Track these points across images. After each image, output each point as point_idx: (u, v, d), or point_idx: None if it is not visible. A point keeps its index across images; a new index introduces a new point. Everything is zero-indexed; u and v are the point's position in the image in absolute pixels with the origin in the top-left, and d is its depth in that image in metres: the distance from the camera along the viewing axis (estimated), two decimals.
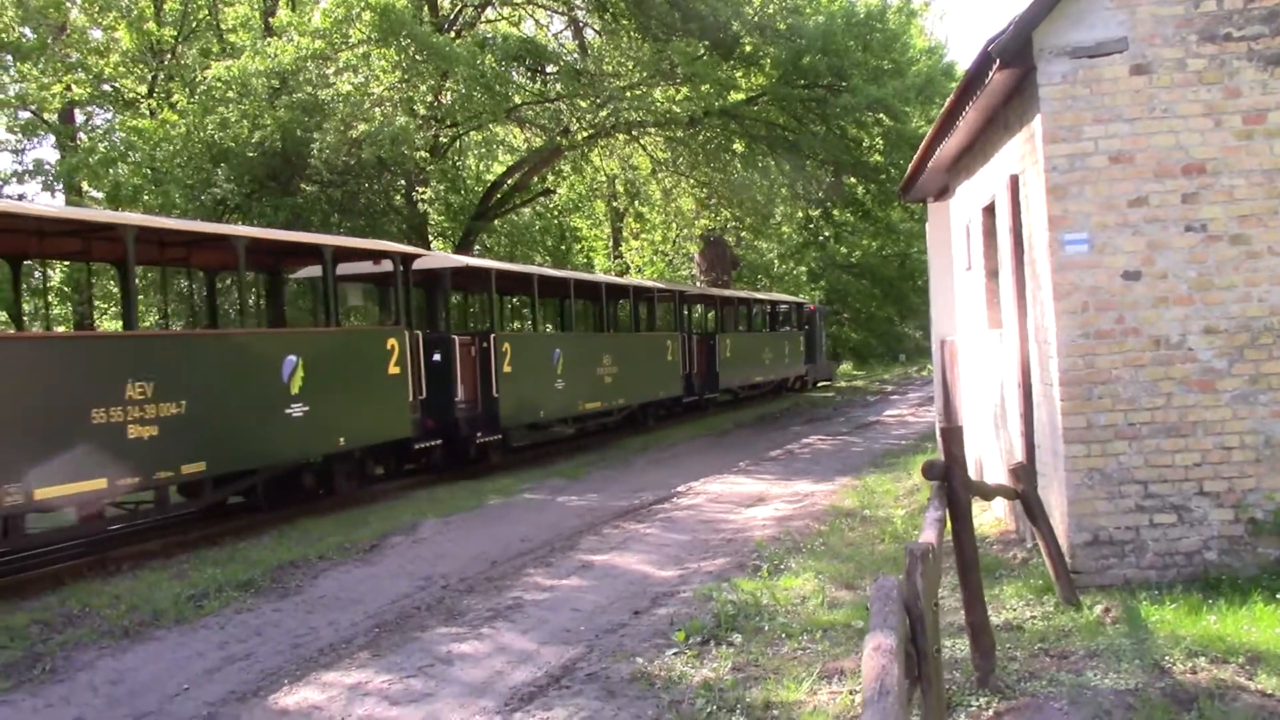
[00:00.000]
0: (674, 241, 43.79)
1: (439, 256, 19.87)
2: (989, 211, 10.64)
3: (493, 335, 18.70)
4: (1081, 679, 5.90)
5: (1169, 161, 7.79)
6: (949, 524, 5.69)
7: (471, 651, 7.91)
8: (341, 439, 14.92)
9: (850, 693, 6.33)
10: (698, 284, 38.92)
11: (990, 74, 8.02)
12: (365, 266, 17.29)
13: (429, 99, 24.72)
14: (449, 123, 25.85)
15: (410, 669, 7.51)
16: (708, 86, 26.17)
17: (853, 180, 30.73)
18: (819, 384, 41.79)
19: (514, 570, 10.59)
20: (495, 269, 20.12)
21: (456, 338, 18.26)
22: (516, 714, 6.47)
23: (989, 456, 11.53)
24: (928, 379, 43.41)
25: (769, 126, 28.78)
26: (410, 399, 16.41)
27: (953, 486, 5.75)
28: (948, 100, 9.92)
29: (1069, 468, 7.91)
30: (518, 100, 26.58)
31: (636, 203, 38.54)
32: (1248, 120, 7.72)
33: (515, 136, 31.26)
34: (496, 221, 32.45)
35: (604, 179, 36.02)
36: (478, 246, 32.27)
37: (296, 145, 23.15)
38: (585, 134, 26.92)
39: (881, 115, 27.79)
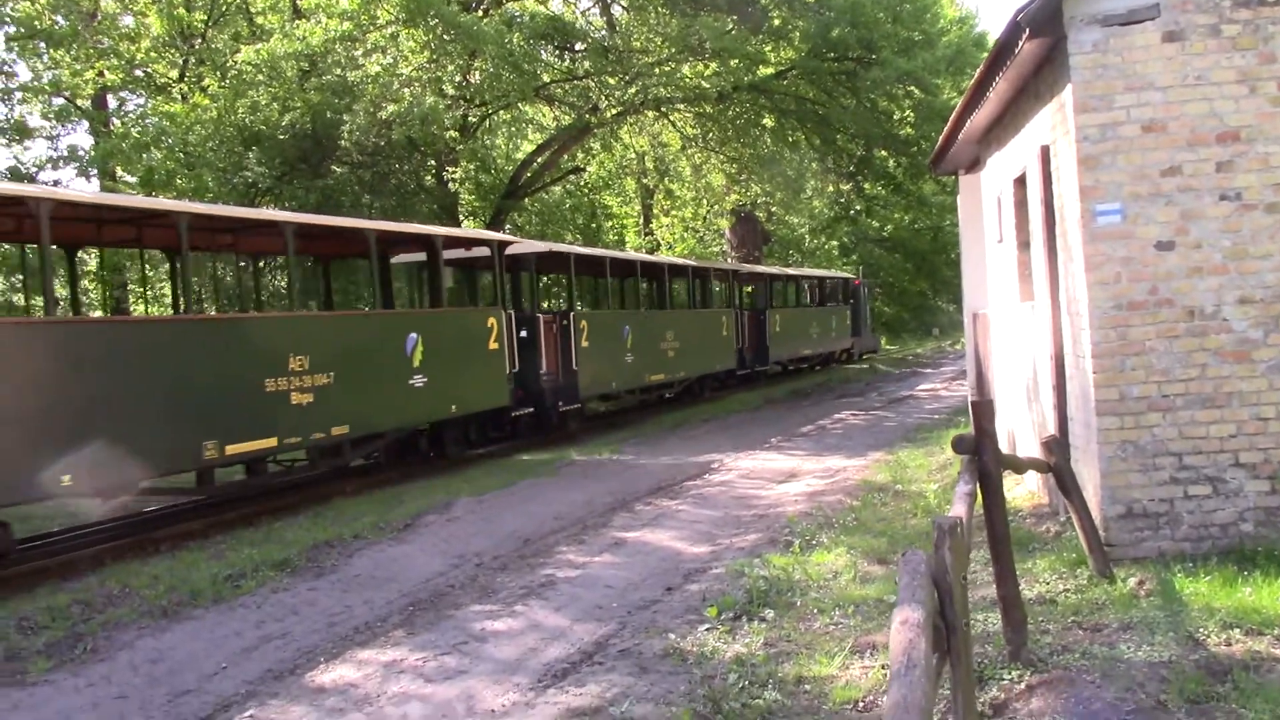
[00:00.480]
0: (704, 218, 43.68)
1: (526, 243, 21.07)
2: (1020, 183, 10.54)
3: (572, 314, 20.57)
4: (1114, 652, 5.88)
5: (1202, 129, 7.69)
6: (979, 498, 5.67)
7: (505, 629, 7.97)
8: (453, 406, 16.82)
9: (882, 667, 6.33)
10: (729, 260, 38.89)
11: (1020, 44, 7.94)
12: (458, 252, 19.08)
13: (457, 79, 24.72)
14: (478, 102, 25.86)
15: (445, 646, 7.57)
16: (736, 61, 26.03)
17: (884, 153, 30.51)
18: (864, 355, 42.60)
19: (546, 548, 10.65)
20: (574, 253, 22.17)
21: (541, 316, 20.00)
22: (550, 690, 6.52)
23: (1021, 430, 11.47)
24: (961, 353, 43.15)
25: (798, 101, 28.61)
26: (507, 372, 18.19)
27: (983, 460, 5.72)
28: (978, 71, 9.82)
29: (1102, 440, 7.85)
30: (546, 79, 26.55)
31: (666, 179, 38.47)
32: None
33: (544, 115, 31.25)
34: (526, 200, 32.45)
35: (633, 156, 35.95)
36: (508, 225, 32.31)
37: (326, 127, 23.24)
38: (614, 111, 26.87)
39: (912, 88, 27.55)
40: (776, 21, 27.93)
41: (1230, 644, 5.87)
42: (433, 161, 26.42)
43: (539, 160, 31.00)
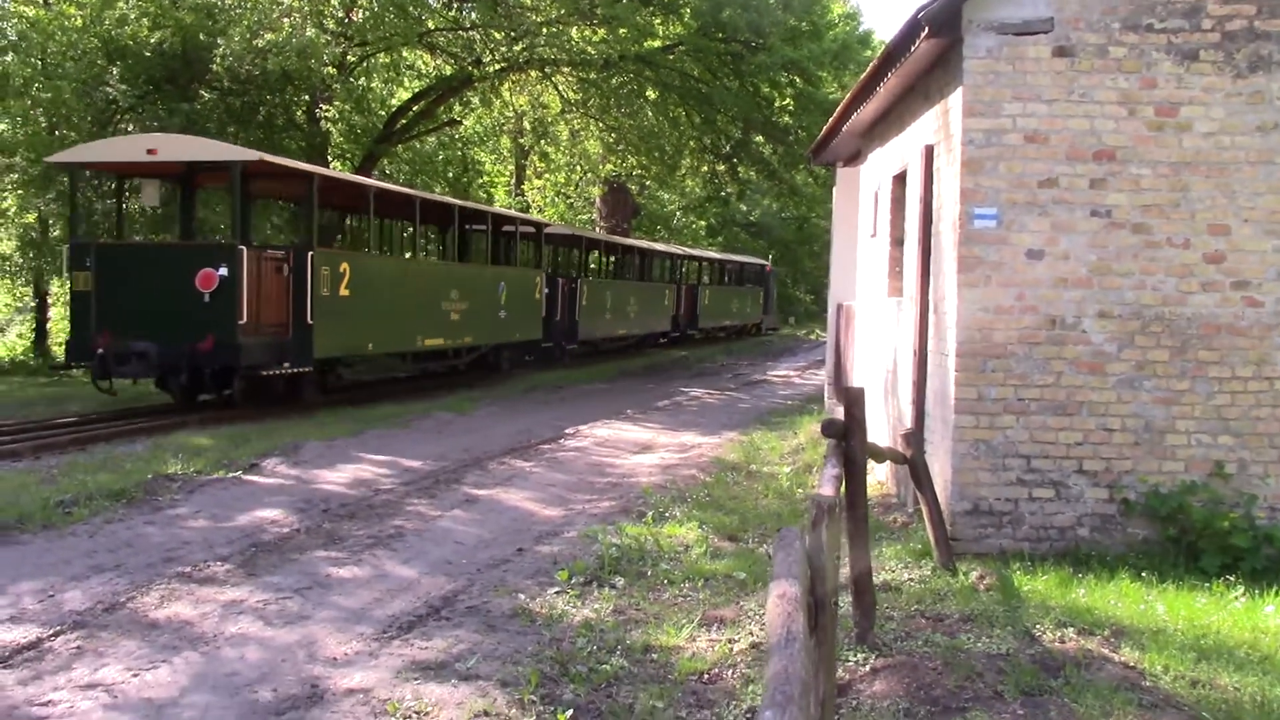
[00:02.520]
0: (576, 185, 43.49)
1: (558, 225, 31.27)
2: (900, 180, 10.74)
3: (578, 279, 28.48)
4: (955, 641, 6.04)
5: (1081, 145, 7.94)
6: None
7: (350, 577, 7.80)
8: (516, 334, 24.10)
9: (729, 641, 6.40)
10: (597, 229, 38.97)
11: (918, 41, 8.06)
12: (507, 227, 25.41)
13: (340, 15, 24.02)
14: (357, 41, 25.17)
15: (287, 590, 7.37)
16: (625, 30, 25.86)
17: (761, 139, 30.78)
18: (768, 330, 50.63)
19: (395, 499, 10.47)
20: (586, 236, 31.84)
21: (560, 279, 27.61)
22: (395, 642, 6.40)
23: (875, 421, 11.70)
24: (815, 343, 44.04)
25: (683, 77, 28.64)
26: (542, 315, 25.72)
27: (851, 446, 5.80)
28: (870, 64, 9.95)
29: (957, 437, 8.07)
30: (431, 25, 25.97)
31: (543, 142, 38.11)
32: (1160, 112, 7.90)
33: (425, 62, 30.56)
34: (400, 147, 31.78)
35: (512, 114, 35.50)
36: (377, 172, 31.61)
37: (198, 49, 22.32)
38: (497, 66, 26.47)
39: (795, 77, 27.83)
40: None
41: (1064, 641, 6.10)
42: (306, 97, 25.62)
43: (415, 108, 30.37)
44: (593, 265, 33.14)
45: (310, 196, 16.85)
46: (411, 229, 21.39)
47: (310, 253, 16.01)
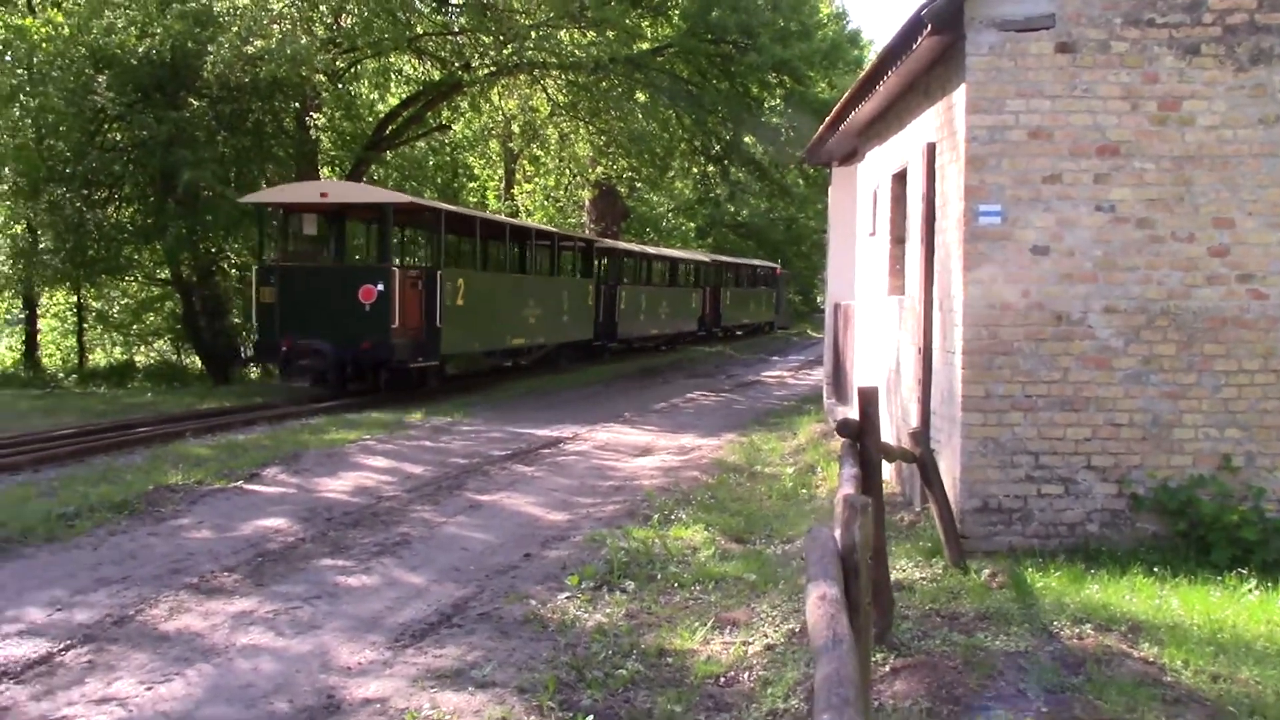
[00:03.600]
0: (566, 188, 43.44)
1: (607, 242, 33.15)
2: (900, 178, 10.72)
3: (617, 285, 31.98)
4: (973, 640, 6.02)
5: (1085, 141, 7.93)
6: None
7: (359, 585, 7.76)
8: (574, 334, 27.98)
9: (743, 643, 6.38)
10: (587, 231, 39.03)
11: (920, 39, 8.04)
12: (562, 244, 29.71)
13: (329, 20, 23.95)
14: (346, 47, 25.09)
15: (296, 600, 7.33)
16: (615, 33, 25.86)
17: (751, 140, 30.79)
18: (780, 328, 53.90)
19: (400, 506, 10.42)
20: (626, 248, 35.10)
21: (602, 285, 30.89)
22: (409, 650, 6.36)
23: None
24: (806, 342, 44.06)
25: (673, 79, 28.63)
26: (593, 319, 29.58)
27: (865, 445, 5.78)
28: (868, 63, 9.94)
29: (965, 435, 8.05)
30: (419, 30, 25.91)
31: (533, 146, 38.07)
32: (1163, 106, 7.90)
33: (414, 67, 30.48)
34: (389, 154, 31.70)
35: (501, 119, 35.45)
36: (366, 179, 31.53)
37: (186, 57, 22.20)
38: (486, 71, 26.41)
39: (785, 77, 27.85)
40: None
41: (1082, 638, 6.08)
42: (296, 104, 25.53)
43: (405, 113, 30.31)
44: (629, 272, 35.84)
45: (439, 226, 21.77)
46: (500, 248, 26.29)
47: (439, 271, 20.21)
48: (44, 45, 21.86)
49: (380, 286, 18.72)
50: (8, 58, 22.72)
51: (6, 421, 16.87)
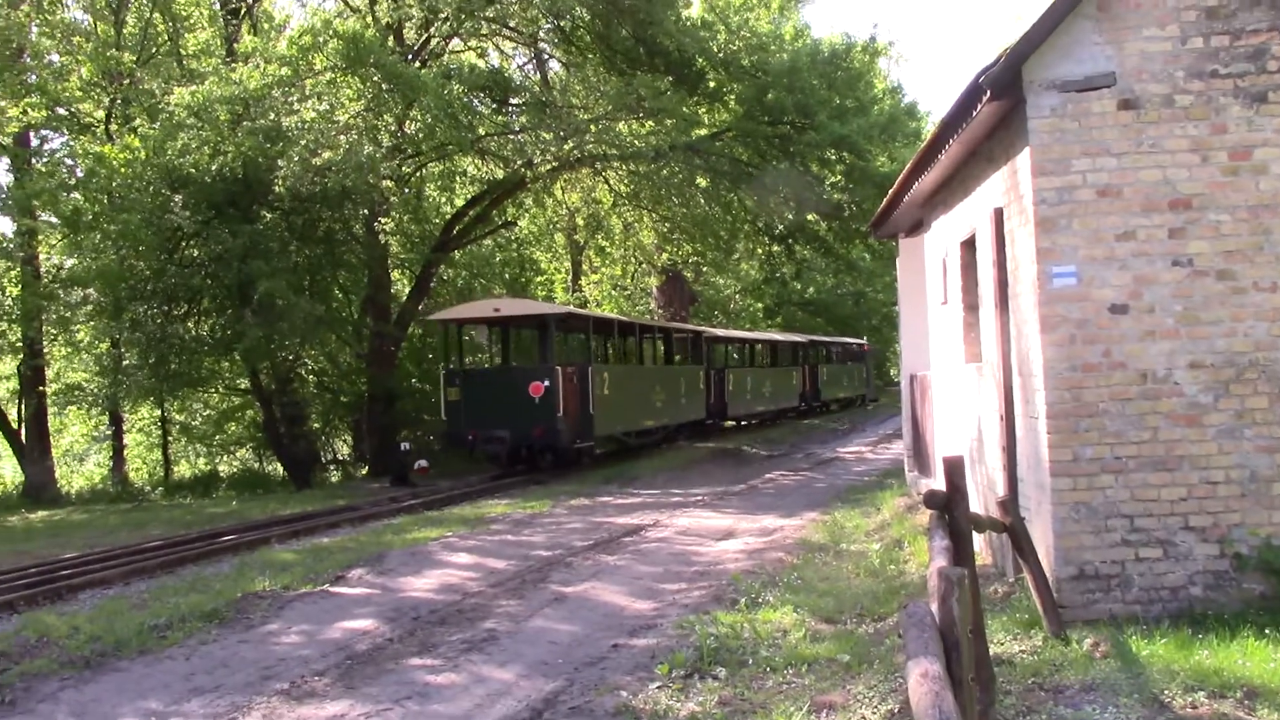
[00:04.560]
0: (633, 276, 43.77)
1: (709, 330, 36.19)
2: (969, 245, 10.65)
3: (725, 369, 35.90)
4: (1080, 714, 5.83)
5: (1156, 196, 7.82)
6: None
7: (448, 684, 7.72)
8: (690, 414, 31.06)
9: None
10: (654, 317, 39.30)
11: (979, 106, 8.03)
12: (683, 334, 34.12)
13: (394, 128, 24.55)
14: (411, 153, 25.67)
15: (387, 701, 7.30)
16: (673, 121, 26.20)
17: (814, 217, 30.86)
18: (870, 401, 55.50)
19: (485, 601, 10.39)
20: (730, 335, 39.24)
21: (712, 370, 34.32)
22: None
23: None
24: (884, 416, 43.60)
25: (733, 162, 28.86)
26: (704, 400, 32.60)
27: (954, 516, 5.66)
28: (929, 132, 9.94)
29: (1055, 501, 7.87)
30: (481, 131, 26.46)
31: (597, 236, 38.52)
32: (1234, 156, 7.78)
33: (477, 167, 31.08)
34: (457, 253, 32.21)
35: (565, 212, 35.95)
36: (436, 279, 32.04)
37: (258, 172, 22.85)
38: (549, 166, 26.85)
39: (845, 153, 27.93)
40: (713, 84, 28.20)
41: (1195, 707, 5.85)
42: (365, 211, 26.10)
43: (471, 213, 30.83)
44: (735, 356, 40.48)
45: (588, 331, 27.73)
46: (631, 343, 30.90)
47: (590, 367, 24.28)
48: (122, 170, 22.61)
49: (547, 383, 22.61)
50: (93, 183, 23.53)
51: (97, 536, 17.19)
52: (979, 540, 10.55)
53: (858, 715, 6.37)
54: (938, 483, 12.09)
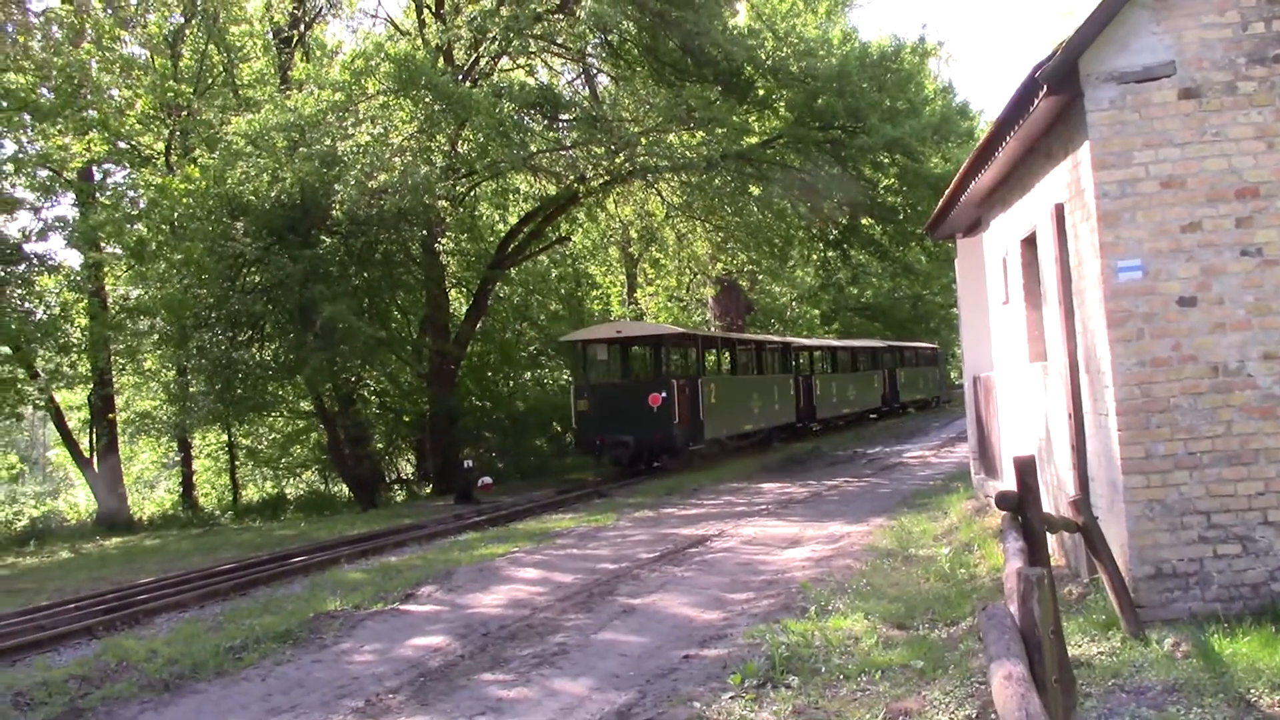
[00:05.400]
0: (688, 287, 43.75)
1: (797, 340, 39.38)
2: (1029, 243, 10.53)
3: (812, 375, 38.67)
4: (1165, 715, 5.72)
5: (1221, 185, 7.69)
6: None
7: (521, 698, 7.74)
8: (783, 418, 33.79)
9: None
10: (712, 328, 39.29)
11: (1036, 101, 7.95)
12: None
13: (447, 148, 24.77)
14: (464, 172, 25.88)
15: (461, 716, 7.34)
16: (723, 130, 26.18)
17: (869, 220, 30.69)
18: (944, 402, 56.66)
19: (554, 615, 10.40)
20: (816, 344, 42.40)
21: (800, 377, 36.89)
22: None
23: None
24: (947, 419, 43.17)
25: (785, 169, 28.79)
26: (794, 405, 35.18)
27: (1027, 517, 5.59)
28: (986, 131, 9.85)
29: (1128, 499, 7.74)
30: (533, 149, 26.63)
31: (651, 248, 38.57)
32: None
33: (530, 184, 31.27)
34: (513, 270, 32.40)
35: (618, 225, 36.04)
36: (493, 297, 32.24)
37: (316, 197, 23.17)
38: (601, 180, 26.94)
39: (897, 155, 27.75)
40: (762, 91, 28.15)
41: None
42: (422, 232, 26.34)
43: (525, 229, 31.00)
44: (820, 363, 42.67)
45: (699, 347, 30.03)
46: (731, 355, 34.19)
47: (700, 379, 27.71)
48: (183, 200, 23.02)
49: (664, 394, 25.90)
50: (156, 214, 23.98)
51: (170, 561, 17.46)
52: (1051, 541, 10.39)
53: None
54: (1005, 484, 11.94)
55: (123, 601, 12.59)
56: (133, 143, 30.19)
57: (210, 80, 30.27)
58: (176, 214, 23.40)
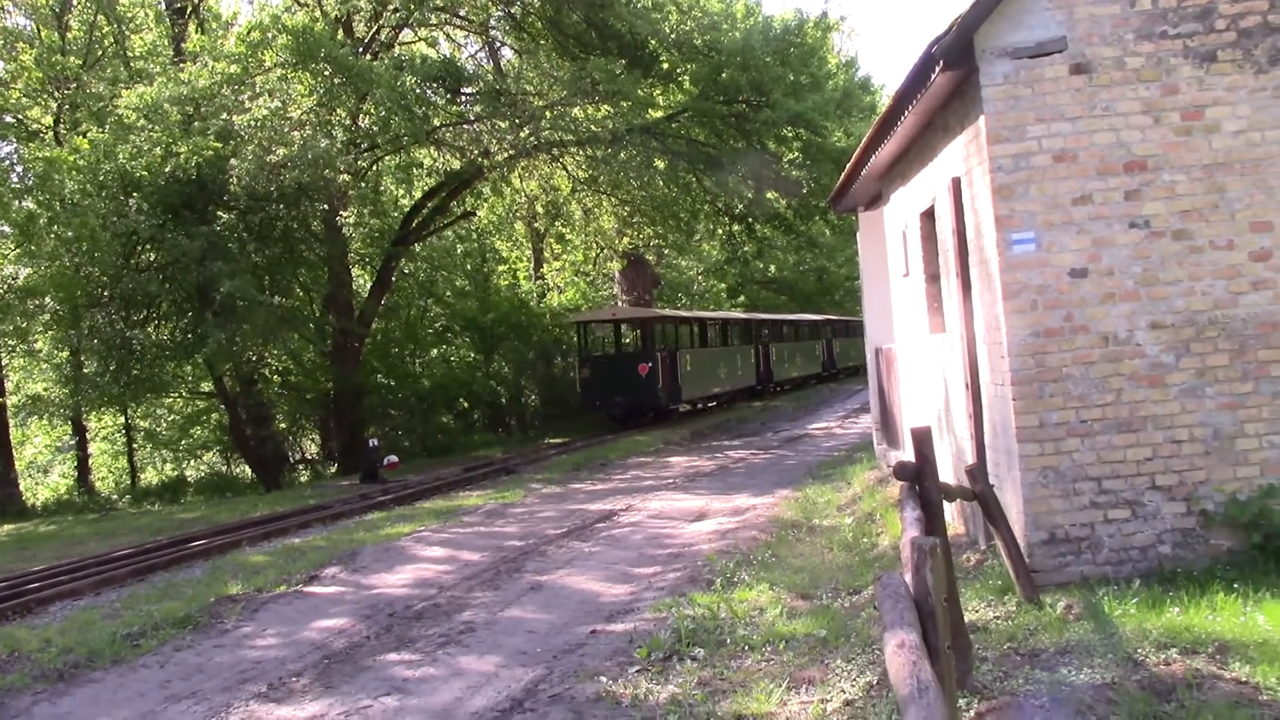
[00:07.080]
0: (594, 261, 43.69)
1: (757, 316, 44.71)
2: (928, 216, 10.67)
3: (768, 345, 42.27)
4: (1057, 676, 5.86)
5: (1111, 159, 7.86)
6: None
7: (427, 677, 7.69)
8: (745, 382, 38.35)
9: (821, 701, 6.25)
10: (619, 303, 39.33)
11: (933, 76, 8.04)
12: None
13: (347, 122, 24.34)
14: (365, 146, 25.47)
15: (367, 699, 7.26)
16: (628, 104, 26.11)
17: (773, 195, 30.89)
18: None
19: (460, 594, 10.35)
20: (774, 318, 45.89)
21: (760, 346, 41.14)
22: None
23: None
24: (848, 391, 43.79)
25: (690, 143, 28.83)
26: (754, 371, 39.62)
27: (924, 487, 5.68)
28: (885, 105, 9.94)
29: (1024, 467, 7.91)
30: (436, 122, 26.28)
31: (557, 223, 38.42)
32: (1186, 116, 7.82)
33: (433, 159, 30.88)
34: (418, 246, 32.01)
35: (524, 200, 35.82)
36: (397, 273, 31.85)
37: (212, 172, 22.61)
38: (505, 155, 26.72)
39: (801, 130, 27.94)
40: (666, 65, 28.12)
41: (1169, 664, 5.90)
42: (323, 207, 25.86)
43: (429, 205, 30.65)
44: (775, 334, 45.77)
45: (676, 325, 35.08)
46: (701, 330, 37.84)
47: (678, 351, 33.09)
48: (74, 174, 22.30)
49: (650, 364, 30.92)
50: (43, 189, 23.17)
51: (65, 548, 17.01)
52: (950, 509, 10.60)
53: (836, 689, 6.39)
54: (907, 455, 12.13)
55: (14, 590, 12.22)
56: (19, 116, 29.18)
57: (100, 52, 29.34)
58: (67, 189, 22.65)
